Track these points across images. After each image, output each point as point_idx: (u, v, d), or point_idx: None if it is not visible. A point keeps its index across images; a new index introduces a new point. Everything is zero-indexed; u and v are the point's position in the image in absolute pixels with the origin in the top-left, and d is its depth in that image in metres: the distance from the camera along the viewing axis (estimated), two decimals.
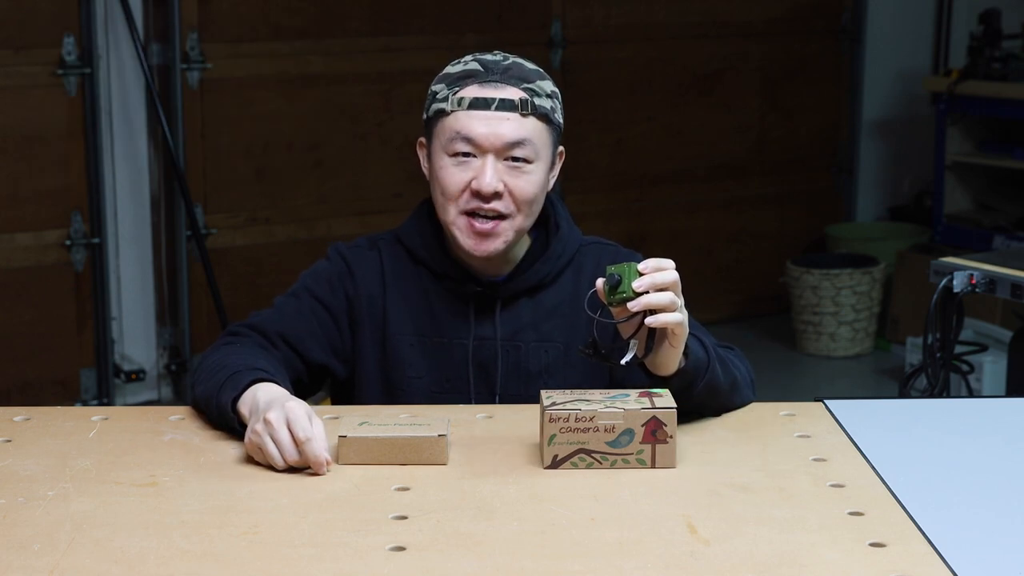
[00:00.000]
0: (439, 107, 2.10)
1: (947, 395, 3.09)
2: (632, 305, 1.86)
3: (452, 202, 2.09)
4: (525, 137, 2.07)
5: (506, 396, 2.17)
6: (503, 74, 2.08)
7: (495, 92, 2.07)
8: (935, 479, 1.84)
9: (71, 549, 1.60)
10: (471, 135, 2.06)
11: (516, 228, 2.10)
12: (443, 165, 2.09)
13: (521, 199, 2.08)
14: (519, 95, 2.07)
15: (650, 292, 1.86)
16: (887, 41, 6.14)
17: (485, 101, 2.06)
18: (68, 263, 4.62)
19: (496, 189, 2.06)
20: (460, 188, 2.08)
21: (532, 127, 2.08)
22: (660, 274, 1.87)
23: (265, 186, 4.92)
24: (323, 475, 1.82)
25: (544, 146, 2.10)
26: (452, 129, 2.07)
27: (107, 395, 4.71)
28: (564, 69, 5.37)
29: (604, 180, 5.57)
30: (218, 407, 1.96)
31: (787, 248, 5.91)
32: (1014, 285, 3.02)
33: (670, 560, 1.57)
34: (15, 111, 4.46)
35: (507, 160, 2.07)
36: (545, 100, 2.09)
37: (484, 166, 2.06)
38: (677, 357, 1.94)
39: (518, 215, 2.09)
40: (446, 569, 1.55)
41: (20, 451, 1.92)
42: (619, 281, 1.88)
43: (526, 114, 2.07)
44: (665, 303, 1.86)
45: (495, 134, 2.05)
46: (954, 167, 5.72)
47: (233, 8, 4.78)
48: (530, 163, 2.08)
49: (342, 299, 2.19)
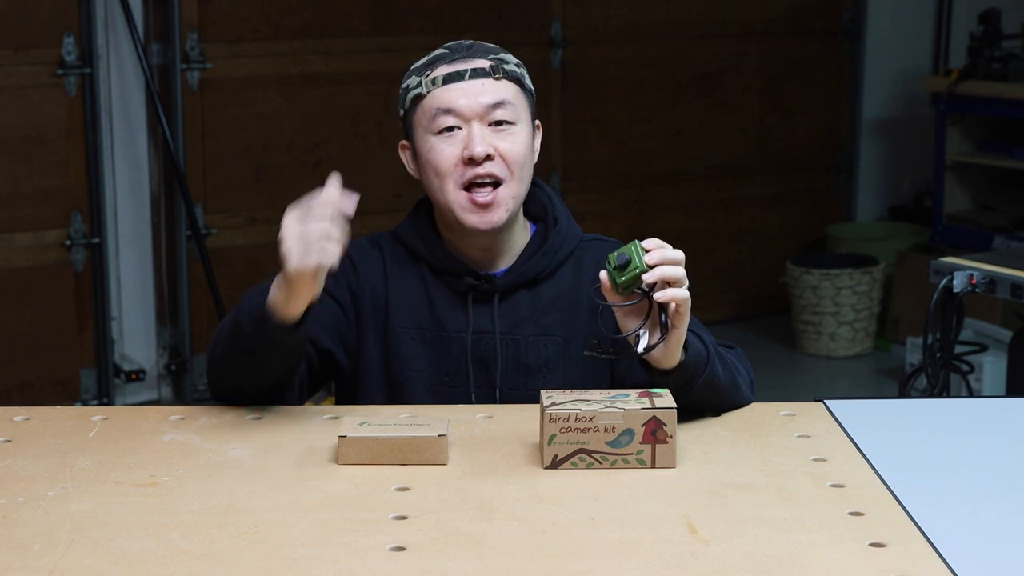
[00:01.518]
0: (414, 94, 2.15)
1: (947, 395, 3.09)
2: (647, 276, 1.87)
3: (447, 178, 2.12)
4: (503, 98, 2.13)
5: (506, 390, 2.18)
6: (468, 50, 2.16)
7: (465, 64, 2.14)
8: (935, 479, 1.84)
9: (71, 549, 1.60)
10: (452, 106, 2.12)
11: (513, 195, 2.13)
12: (431, 146, 2.13)
13: (511, 160, 2.12)
14: (487, 63, 2.14)
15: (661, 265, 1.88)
16: (887, 41, 6.14)
17: (458, 74, 2.13)
18: (68, 263, 4.62)
19: (487, 152, 2.10)
20: (452, 162, 2.12)
21: (507, 88, 2.14)
22: (668, 249, 1.91)
23: (265, 186, 4.92)
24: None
25: (523, 108, 2.16)
26: (432, 108, 2.13)
27: (107, 395, 4.72)
28: (564, 69, 5.38)
29: (604, 180, 5.57)
30: (252, 315, 1.98)
31: (787, 248, 5.91)
32: (1014, 285, 3.02)
33: (670, 560, 1.57)
34: (15, 111, 4.46)
35: (491, 125, 2.12)
36: (514, 66, 2.17)
37: (471, 133, 2.11)
38: (680, 342, 1.94)
39: (511, 179, 2.13)
40: (446, 569, 1.55)
41: (20, 451, 1.92)
42: (628, 260, 1.88)
43: (499, 77, 2.14)
44: (678, 276, 1.89)
45: (475, 100, 2.12)
46: (954, 167, 5.72)
47: (233, 8, 4.79)
48: (513, 124, 2.14)
49: (347, 293, 2.21)
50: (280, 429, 2.02)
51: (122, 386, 4.82)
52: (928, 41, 6.25)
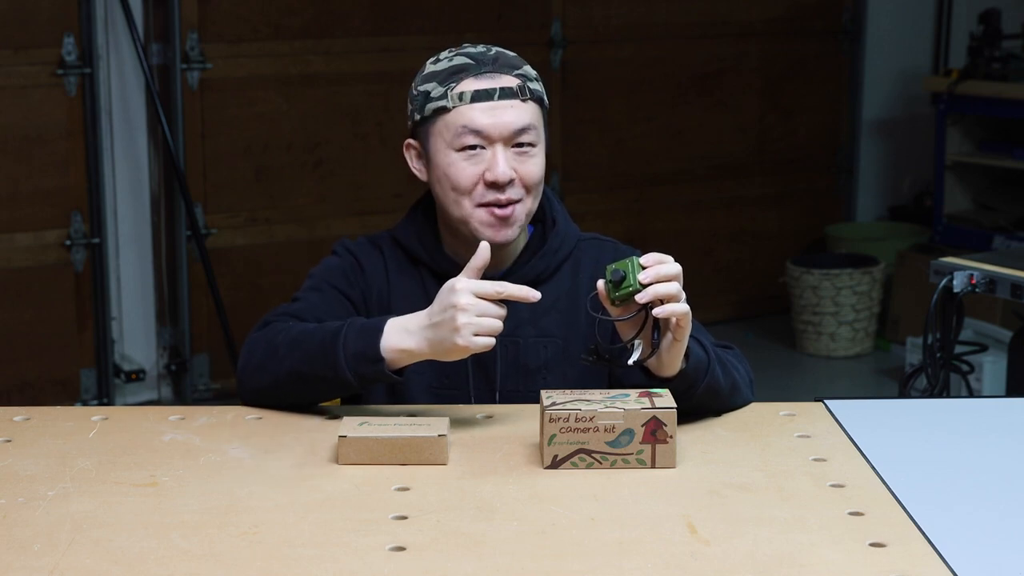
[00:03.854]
0: (437, 105, 2.11)
1: (947, 395, 3.09)
2: (640, 296, 1.87)
3: (466, 196, 2.11)
4: (529, 123, 2.11)
5: (505, 392, 2.18)
6: (494, 64, 2.12)
7: (493, 82, 2.10)
8: (935, 479, 1.84)
9: (71, 549, 1.60)
10: (478, 127, 2.08)
11: (527, 211, 2.14)
12: (451, 162, 2.11)
13: (530, 182, 2.12)
14: (515, 82, 2.11)
15: (655, 284, 1.87)
16: (887, 41, 6.14)
17: (487, 92, 2.09)
18: (68, 263, 4.62)
19: (510, 176, 2.09)
20: (473, 181, 2.10)
21: (532, 111, 2.12)
22: (664, 266, 1.90)
23: (265, 186, 4.92)
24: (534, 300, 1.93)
25: (543, 128, 2.15)
26: (457, 124, 2.09)
27: (107, 395, 4.72)
28: (564, 69, 5.37)
29: (604, 180, 5.57)
30: (352, 359, 1.98)
31: (787, 248, 5.91)
32: (1014, 285, 3.02)
33: (670, 560, 1.57)
34: (15, 111, 4.46)
35: (514, 147, 2.10)
36: (536, 84, 2.15)
37: (495, 156, 2.09)
38: (681, 353, 1.94)
39: (527, 198, 2.13)
40: (446, 569, 1.55)
41: (20, 451, 1.92)
42: (623, 276, 1.88)
43: (525, 99, 2.11)
44: (672, 293, 1.88)
45: (502, 123, 2.09)
46: (954, 167, 5.72)
47: (233, 8, 4.79)
48: (534, 147, 2.12)
49: (358, 291, 2.21)
50: (280, 429, 2.02)
51: (122, 386, 4.82)
52: (928, 41, 6.25)
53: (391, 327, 1.98)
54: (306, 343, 2.03)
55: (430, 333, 1.95)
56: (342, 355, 1.99)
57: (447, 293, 1.93)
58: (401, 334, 1.97)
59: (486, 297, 1.92)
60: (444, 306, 1.93)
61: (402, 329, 1.98)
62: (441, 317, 1.93)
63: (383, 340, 1.98)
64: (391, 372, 1.99)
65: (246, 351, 2.11)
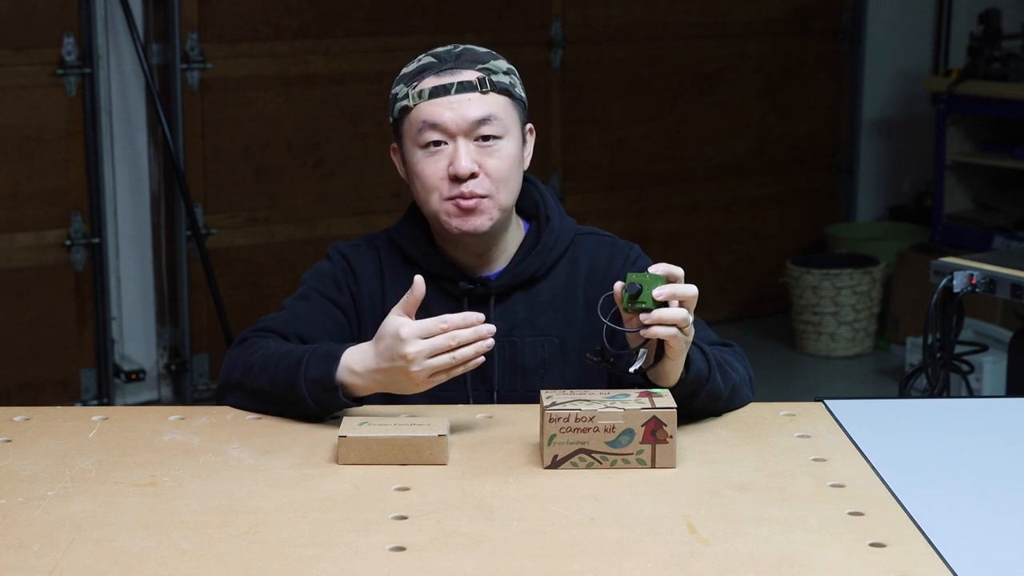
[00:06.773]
0: (402, 105, 2.14)
1: (947, 395, 3.09)
2: (645, 318, 1.87)
3: (434, 192, 2.12)
4: (489, 113, 2.10)
5: (504, 392, 2.18)
6: (456, 60, 2.13)
7: (452, 77, 2.11)
8: (935, 479, 1.84)
9: (71, 549, 1.60)
10: (437, 121, 2.10)
11: (499, 206, 2.13)
12: (417, 159, 2.13)
13: (496, 176, 2.11)
14: (475, 75, 2.11)
15: (669, 304, 1.88)
16: (887, 41, 6.14)
17: (444, 87, 2.10)
18: (68, 263, 4.62)
19: (472, 170, 2.09)
20: (439, 176, 2.11)
21: (494, 103, 2.11)
22: (683, 287, 1.90)
23: (265, 186, 4.92)
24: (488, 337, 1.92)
25: (512, 122, 2.14)
26: (418, 121, 2.11)
27: (107, 395, 4.72)
28: (564, 69, 5.37)
29: (604, 180, 5.57)
30: (312, 386, 1.99)
31: (787, 248, 5.91)
32: (1014, 285, 3.02)
33: (670, 560, 1.57)
34: (15, 111, 4.46)
35: (477, 140, 2.10)
36: (502, 76, 2.14)
37: (457, 150, 2.10)
38: (677, 370, 1.96)
39: (496, 194, 2.12)
40: (446, 569, 1.55)
41: (20, 451, 1.92)
42: (640, 290, 1.88)
43: (486, 91, 2.11)
44: (679, 319, 1.88)
45: (460, 116, 2.09)
46: (954, 167, 5.72)
47: (233, 8, 4.78)
48: (500, 139, 2.12)
49: (348, 297, 2.21)
50: (280, 429, 2.02)
51: (122, 386, 4.82)
52: (928, 41, 6.25)
53: (345, 360, 1.99)
54: (274, 367, 2.05)
55: (381, 377, 1.97)
56: (303, 381, 2.00)
57: (393, 342, 1.93)
58: (351, 375, 1.99)
59: (432, 335, 1.92)
60: (392, 356, 1.93)
61: (349, 371, 1.99)
62: (391, 365, 1.94)
63: (339, 369, 1.99)
64: (349, 399, 2.00)
65: (224, 369, 2.14)
